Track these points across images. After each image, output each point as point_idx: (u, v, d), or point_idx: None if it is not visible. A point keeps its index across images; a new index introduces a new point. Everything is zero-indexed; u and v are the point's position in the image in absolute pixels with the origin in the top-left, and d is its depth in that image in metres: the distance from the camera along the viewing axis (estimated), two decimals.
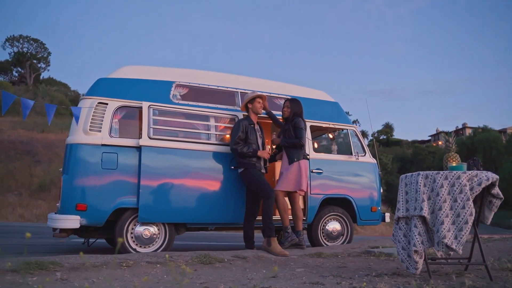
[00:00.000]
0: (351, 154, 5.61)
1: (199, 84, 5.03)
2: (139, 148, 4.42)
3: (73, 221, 4.09)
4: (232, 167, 4.78)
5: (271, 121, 5.26)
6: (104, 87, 4.59)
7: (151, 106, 4.62)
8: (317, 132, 5.94)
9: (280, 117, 5.10)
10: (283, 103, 5.04)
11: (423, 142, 68.79)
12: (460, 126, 72.82)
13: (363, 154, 5.71)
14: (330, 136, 5.83)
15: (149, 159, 4.42)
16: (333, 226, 5.42)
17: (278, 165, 5.66)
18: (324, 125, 5.63)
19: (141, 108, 4.58)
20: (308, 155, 5.31)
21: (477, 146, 39.07)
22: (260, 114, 4.93)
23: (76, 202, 4.14)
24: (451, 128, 75.25)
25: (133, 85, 4.70)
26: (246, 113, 4.91)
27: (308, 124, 5.42)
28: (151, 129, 4.53)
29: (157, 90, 4.78)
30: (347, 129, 5.77)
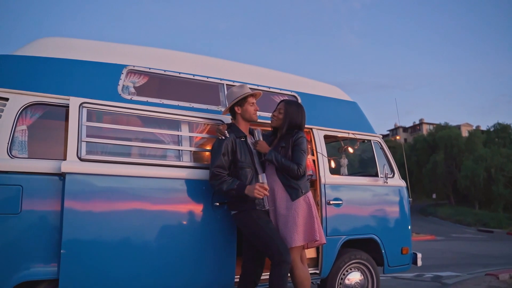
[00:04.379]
0: (377, 175, 4.05)
1: (164, 71, 3.24)
2: (62, 177, 2.60)
3: None
4: (217, 204, 3.06)
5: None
6: (4, 72, 2.71)
7: (84, 105, 2.80)
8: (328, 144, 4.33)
9: (264, 125, 3.47)
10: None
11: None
12: (417, 122, 74.37)
13: (391, 175, 4.16)
14: (350, 150, 4.21)
15: (79, 195, 2.60)
16: (355, 278, 3.85)
17: None
18: (340, 135, 4.02)
19: (68, 107, 2.76)
20: (312, 175, 3.77)
21: (438, 143, 39.14)
22: (254, 121, 3.16)
23: None
24: (409, 123, 76.86)
25: (55, 68, 2.84)
26: (233, 119, 3.18)
27: (321, 134, 3.79)
28: (83, 144, 2.71)
29: (96, 79, 2.95)
30: (370, 140, 4.19)
